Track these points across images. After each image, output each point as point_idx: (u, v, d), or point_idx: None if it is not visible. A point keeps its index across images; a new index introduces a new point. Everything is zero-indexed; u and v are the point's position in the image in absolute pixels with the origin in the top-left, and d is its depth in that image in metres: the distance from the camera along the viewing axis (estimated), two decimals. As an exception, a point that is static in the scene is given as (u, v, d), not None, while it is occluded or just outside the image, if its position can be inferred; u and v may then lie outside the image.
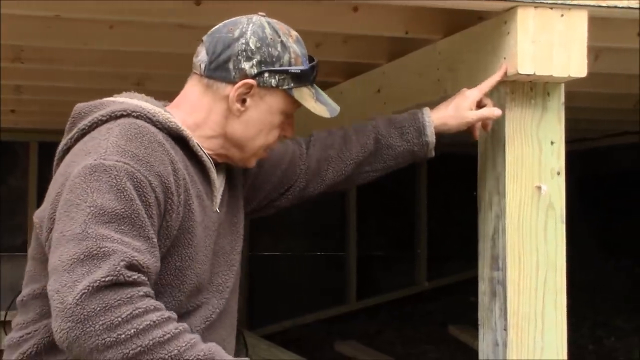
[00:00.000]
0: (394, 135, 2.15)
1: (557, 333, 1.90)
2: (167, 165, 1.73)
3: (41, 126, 5.28)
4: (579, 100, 3.68)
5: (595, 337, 5.07)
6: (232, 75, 1.84)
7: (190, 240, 1.78)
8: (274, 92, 1.87)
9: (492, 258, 1.93)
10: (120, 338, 1.54)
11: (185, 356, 1.57)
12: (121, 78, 3.41)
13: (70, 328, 1.54)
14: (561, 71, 1.87)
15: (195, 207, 1.81)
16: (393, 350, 5.18)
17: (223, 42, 1.86)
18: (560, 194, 1.92)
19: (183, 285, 1.78)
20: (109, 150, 1.69)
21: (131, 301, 1.57)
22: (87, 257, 1.57)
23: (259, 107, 1.87)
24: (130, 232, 1.63)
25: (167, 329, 1.58)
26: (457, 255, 6.52)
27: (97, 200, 1.63)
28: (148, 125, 1.77)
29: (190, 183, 1.81)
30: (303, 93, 1.89)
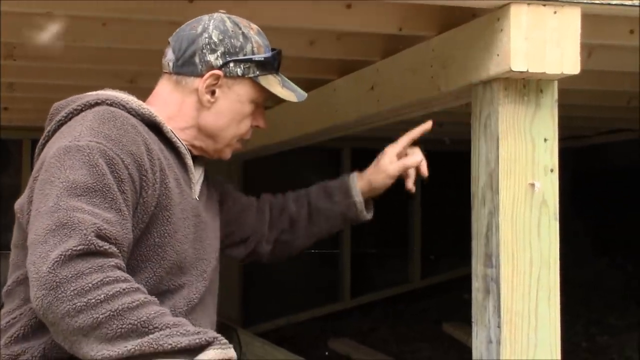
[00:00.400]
0: (323, 200, 2.30)
1: (551, 330, 1.90)
2: (139, 146, 1.81)
3: (34, 124, 5.27)
4: (572, 98, 3.68)
5: (589, 334, 5.08)
6: (199, 69, 1.93)
7: (169, 218, 1.85)
8: (241, 81, 1.95)
9: (485, 255, 1.93)
10: (90, 303, 1.59)
11: (155, 323, 1.62)
12: (114, 75, 3.41)
13: (44, 295, 1.59)
14: (554, 68, 1.87)
15: (173, 187, 1.88)
16: (387, 347, 5.18)
17: (187, 39, 1.97)
18: (553, 191, 1.92)
19: (163, 261, 1.85)
20: (83, 133, 1.78)
21: (102, 270, 1.62)
22: (59, 227, 1.63)
23: (228, 97, 1.96)
24: (102, 205, 1.69)
25: (136, 297, 1.64)
26: (450, 252, 6.53)
27: (70, 176, 1.70)
28: (121, 111, 1.85)
29: (167, 166, 1.88)
30: (269, 80, 1.98)
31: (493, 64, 1.90)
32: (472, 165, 2.02)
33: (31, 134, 5.71)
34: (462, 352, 4.75)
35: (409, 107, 2.53)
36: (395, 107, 2.57)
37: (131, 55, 3.04)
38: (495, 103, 1.92)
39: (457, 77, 2.09)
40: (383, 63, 2.66)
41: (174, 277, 1.89)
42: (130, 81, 3.42)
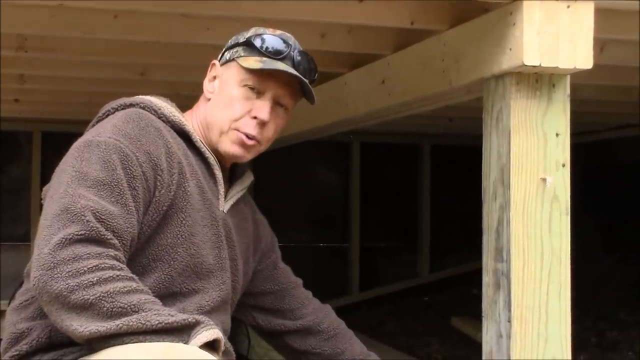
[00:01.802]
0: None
1: (561, 325, 1.90)
2: (159, 147, 1.86)
3: (45, 116, 5.28)
4: (584, 93, 3.67)
5: (598, 329, 5.07)
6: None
7: (183, 220, 1.88)
8: (230, 65, 1.99)
9: (496, 250, 1.92)
10: (82, 284, 1.63)
11: (145, 308, 1.66)
12: (125, 68, 3.41)
13: (41, 275, 1.65)
14: (567, 63, 1.87)
15: (193, 193, 1.90)
16: (395, 341, 5.18)
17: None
18: (565, 186, 1.91)
19: (174, 262, 1.88)
20: (106, 129, 1.85)
21: (100, 257, 1.67)
22: (64, 212, 1.69)
23: (221, 83, 1.99)
24: (109, 197, 1.75)
25: (129, 283, 1.68)
26: (459, 247, 6.52)
27: (84, 168, 1.77)
28: (150, 115, 1.93)
29: (190, 171, 1.91)
30: (249, 60, 1.95)
31: (505, 58, 1.90)
32: (483, 160, 2.01)
33: (42, 126, 5.72)
34: (471, 347, 4.75)
35: (420, 101, 2.52)
36: (406, 101, 2.56)
37: (142, 47, 3.04)
38: (507, 97, 1.91)
39: (469, 71, 2.09)
40: (394, 57, 2.66)
41: (187, 280, 1.91)
42: (140, 74, 3.42)
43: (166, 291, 1.87)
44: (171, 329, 1.66)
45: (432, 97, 2.42)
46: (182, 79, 3.55)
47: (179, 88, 3.69)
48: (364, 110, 2.90)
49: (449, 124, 5.22)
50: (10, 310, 1.92)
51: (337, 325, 2.28)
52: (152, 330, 1.64)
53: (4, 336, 1.89)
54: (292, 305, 2.24)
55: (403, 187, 6.69)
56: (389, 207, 6.72)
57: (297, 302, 2.25)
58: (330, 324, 2.27)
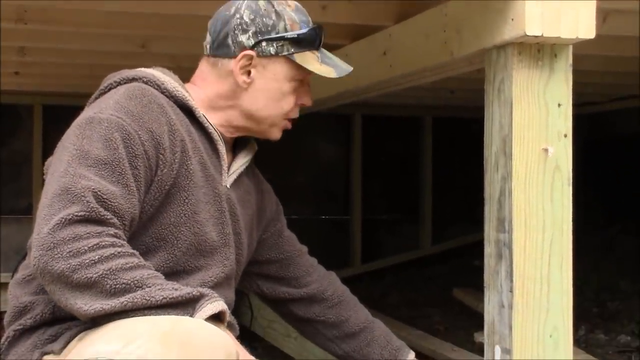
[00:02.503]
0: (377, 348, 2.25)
1: (563, 295, 1.90)
2: (162, 125, 1.84)
3: (45, 89, 5.27)
4: (585, 64, 3.66)
5: (600, 300, 5.09)
6: (232, 50, 1.98)
7: (186, 199, 1.88)
8: (275, 60, 1.96)
9: (498, 220, 1.93)
10: (84, 263, 1.64)
11: (149, 283, 1.66)
12: (126, 40, 3.40)
13: (41, 255, 1.64)
14: (569, 33, 1.86)
15: (196, 170, 1.89)
16: (397, 313, 5.20)
17: (221, 21, 1.99)
18: (567, 156, 1.91)
19: (178, 241, 1.88)
20: (108, 106, 1.84)
21: (100, 235, 1.68)
22: (64, 192, 1.68)
23: (264, 76, 1.97)
24: (109, 177, 1.74)
25: (131, 259, 1.69)
26: (461, 219, 6.53)
27: (85, 146, 1.76)
28: (152, 90, 1.91)
29: (192, 148, 1.89)
30: (306, 57, 1.97)
31: (507, 29, 1.89)
32: (485, 131, 2.01)
33: (43, 99, 5.70)
34: (472, 317, 4.77)
35: (422, 72, 2.51)
36: (408, 72, 2.55)
37: (143, 19, 3.03)
38: (509, 68, 1.90)
39: (471, 42, 2.08)
40: (396, 28, 2.65)
41: (191, 259, 1.92)
42: (141, 46, 3.41)
43: (170, 270, 1.87)
44: (176, 303, 1.67)
45: (433, 68, 2.41)
46: (184, 51, 3.54)
47: (180, 60, 3.68)
48: (365, 82, 2.90)
49: (451, 96, 5.21)
50: (14, 283, 1.92)
51: (341, 293, 2.30)
52: (157, 305, 1.65)
53: (8, 309, 1.91)
54: (297, 273, 2.26)
55: (405, 159, 6.69)
56: (390, 179, 6.72)
57: (301, 270, 2.26)
58: (335, 291, 2.29)
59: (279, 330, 4.43)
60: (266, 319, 4.66)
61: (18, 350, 1.84)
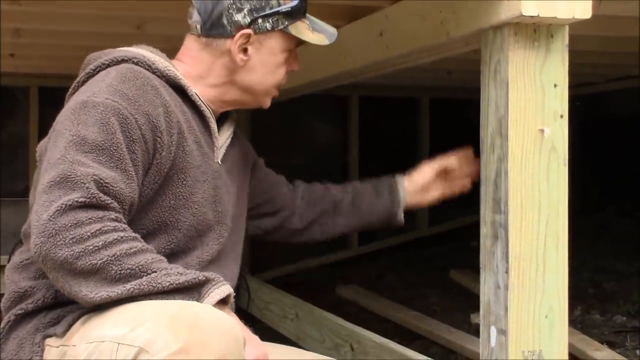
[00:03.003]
0: (369, 192, 2.40)
1: (559, 276, 1.90)
2: (157, 107, 1.82)
3: (41, 71, 5.25)
4: (582, 44, 3.65)
5: (595, 281, 5.10)
6: (228, 30, 1.97)
7: (184, 180, 1.88)
8: (271, 35, 1.98)
9: (494, 201, 1.93)
10: (88, 249, 1.63)
11: (153, 267, 1.66)
12: (122, 22, 3.39)
13: (43, 242, 1.63)
14: (565, 13, 1.85)
15: (192, 150, 1.89)
16: (394, 294, 5.21)
17: (212, 0, 1.95)
18: (563, 137, 1.91)
19: (177, 223, 1.88)
20: (102, 89, 1.81)
21: (101, 220, 1.67)
22: (63, 180, 1.67)
23: (260, 52, 1.97)
24: (107, 163, 1.73)
25: (134, 244, 1.68)
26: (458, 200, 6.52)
27: (81, 131, 1.74)
28: (145, 71, 1.89)
29: (187, 128, 1.89)
30: (299, 27, 2.00)
31: (503, 9, 1.88)
32: (481, 112, 2.00)
33: (39, 81, 5.68)
34: (469, 299, 4.78)
35: (418, 53, 2.51)
36: (404, 53, 2.55)
37: (138, 1, 3.02)
38: (505, 48, 1.90)
39: (467, 22, 2.07)
40: (392, 9, 2.64)
41: (189, 240, 1.92)
42: (137, 27, 3.40)
43: (170, 251, 1.87)
44: (182, 288, 1.66)
45: (430, 48, 2.41)
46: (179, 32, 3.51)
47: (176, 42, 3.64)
48: (362, 63, 2.89)
49: (448, 77, 5.20)
50: (11, 268, 1.91)
51: (322, 188, 2.42)
52: (164, 291, 1.65)
53: (6, 294, 1.90)
54: (286, 200, 2.35)
55: (402, 141, 6.69)
56: (387, 161, 6.71)
57: (288, 197, 2.36)
58: (317, 190, 2.40)
59: (275, 312, 4.44)
60: (263, 301, 4.67)
61: (19, 334, 1.83)
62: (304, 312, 3.98)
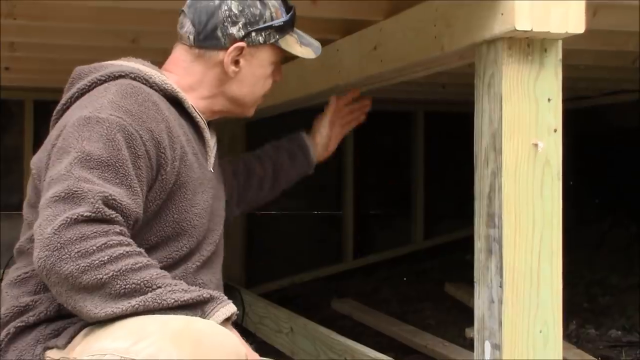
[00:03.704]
0: (287, 162, 2.59)
1: (553, 290, 1.90)
2: (159, 123, 1.82)
3: (36, 84, 5.25)
4: (576, 58, 3.66)
5: (591, 294, 5.10)
6: (222, 42, 1.99)
7: (186, 194, 1.89)
8: (263, 48, 2.03)
9: (488, 215, 1.93)
10: (94, 264, 1.62)
11: (158, 283, 1.65)
12: (116, 35, 3.39)
13: (47, 256, 1.62)
14: (559, 27, 1.86)
15: (192, 163, 1.91)
16: (389, 307, 5.20)
17: (206, 12, 1.98)
18: (557, 151, 1.91)
19: (180, 235, 1.89)
20: (104, 105, 1.80)
21: (107, 234, 1.66)
22: (68, 195, 1.66)
23: (251, 64, 2.01)
24: (113, 180, 1.72)
25: (139, 259, 1.68)
26: (454, 214, 6.53)
27: (86, 147, 1.73)
28: (144, 86, 1.89)
29: (186, 142, 1.91)
30: (289, 41, 2.05)
31: (497, 23, 1.89)
32: (475, 126, 2.01)
33: (34, 95, 5.69)
34: (464, 312, 4.78)
35: (413, 67, 2.51)
36: (399, 67, 2.55)
37: (133, 14, 3.02)
38: (499, 63, 1.90)
39: (461, 36, 2.08)
40: (386, 23, 2.64)
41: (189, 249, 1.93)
42: (132, 41, 3.40)
43: (172, 262, 1.88)
44: (186, 305, 1.67)
45: (424, 62, 2.41)
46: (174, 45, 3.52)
47: (171, 55, 3.67)
48: (356, 77, 2.90)
49: (442, 90, 5.21)
50: (8, 284, 1.90)
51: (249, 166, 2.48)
52: (168, 307, 1.65)
53: (4, 308, 1.88)
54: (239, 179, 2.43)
55: (397, 154, 6.69)
56: (383, 174, 6.72)
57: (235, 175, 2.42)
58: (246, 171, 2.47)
59: (270, 326, 4.42)
60: (257, 315, 4.66)
61: (18, 346, 1.82)
62: (298, 327, 3.98)
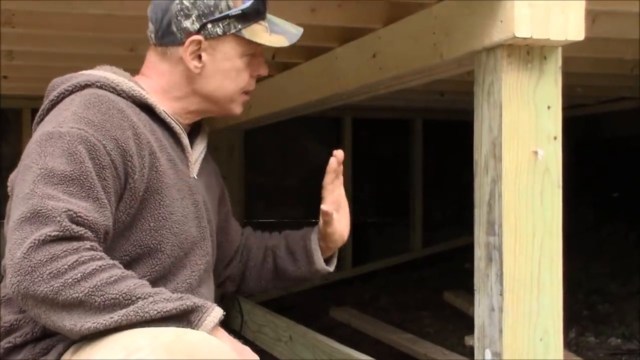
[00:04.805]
0: (289, 263, 2.22)
1: (553, 298, 1.90)
2: (125, 130, 1.78)
3: (34, 92, 5.23)
4: (576, 66, 3.66)
5: (590, 302, 5.09)
6: (179, 37, 1.93)
7: (161, 201, 1.84)
8: (224, 40, 1.92)
9: (488, 223, 1.92)
10: (67, 283, 1.59)
11: (137, 294, 1.62)
12: (114, 43, 3.38)
13: (20, 281, 1.59)
14: (558, 35, 1.85)
15: (165, 169, 1.86)
16: (388, 316, 5.19)
17: (161, 8, 1.94)
18: (556, 158, 1.91)
19: (161, 244, 1.85)
20: (67, 118, 1.76)
21: (77, 252, 1.62)
22: (34, 215, 1.62)
23: (215, 58, 1.94)
24: (79, 194, 1.68)
25: (114, 272, 1.64)
26: (452, 222, 6.53)
27: (48, 163, 1.69)
28: (109, 94, 1.84)
29: (159, 148, 1.86)
30: (255, 30, 1.95)
31: (496, 31, 1.88)
32: (475, 133, 2.00)
33: (31, 103, 5.67)
34: (463, 320, 4.77)
35: (412, 74, 2.51)
36: (398, 74, 2.55)
37: (131, 22, 3.01)
38: (498, 70, 1.90)
39: (460, 44, 2.07)
40: (385, 30, 2.64)
41: (176, 260, 1.89)
42: (130, 49, 3.40)
43: (157, 275, 1.85)
44: (169, 316, 1.63)
45: (423, 70, 2.41)
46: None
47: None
48: (355, 85, 2.89)
49: (441, 98, 5.21)
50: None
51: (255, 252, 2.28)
52: (152, 319, 1.62)
53: None
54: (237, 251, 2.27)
55: (395, 162, 6.69)
56: (381, 183, 6.72)
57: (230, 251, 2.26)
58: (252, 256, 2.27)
59: (269, 335, 4.41)
60: (256, 323, 4.65)
61: None
62: (297, 335, 3.96)
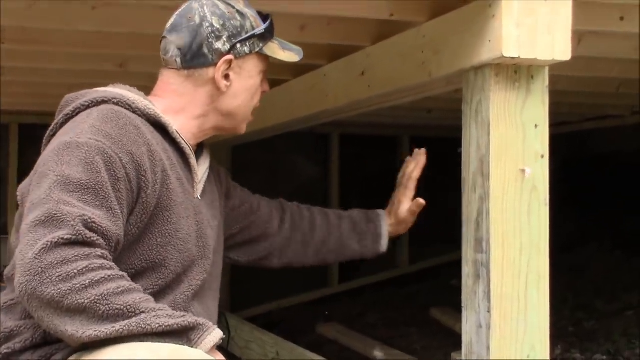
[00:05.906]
0: (354, 241, 2.52)
1: (540, 315, 1.91)
2: (140, 146, 1.83)
3: (23, 108, 5.24)
4: (562, 84, 3.69)
5: (576, 319, 5.11)
6: (210, 59, 1.99)
7: (169, 218, 1.88)
8: (249, 58, 2.03)
9: (475, 241, 1.93)
10: (75, 287, 1.60)
11: (141, 307, 1.64)
12: (104, 60, 3.39)
13: (28, 281, 1.60)
14: (545, 54, 1.88)
15: (175, 188, 1.90)
16: (375, 332, 5.19)
17: (189, 32, 2.01)
18: (544, 177, 1.93)
19: (165, 260, 1.88)
20: (84, 130, 1.81)
21: (88, 258, 1.64)
22: (48, 219, 1.65)
23: (241, 76, 2.03)
24: (93, 202, 1.71)
25: (121, 283, 1.66)
26: (439, 238, 6.54)
27: (65, 171, 1.72)
28: (126, 111, 1.90)
29: (170, 166, 1.90)
30: (272, 48, 2.09)
31: (485, 50, 1.91)
32: (463, 151, 2.02)
33: (20, 119, 5.66)
34: (450, 337, 4.77)
35: (400, 92, 2.53)
36: (386, 92, 2.57)
37: (121, 39, 3.03)
38: (486, 89, 1.92)
39: (449, 63, 2.09)
40: (374, 48, 2.66)
41: (177, 276, 1.92)
42: (120, 65, 3.41)
43: (159, 289, 1.87)
44: (171, 332, 1.65)
45: (411, 88, 2.43)
46: (161, 70, 3.53)
47: (158, 80, 3.67)
48: (343, 102, 2.91)
49: (428, 115, 5.23)
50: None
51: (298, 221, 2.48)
52: (153, 333, 1.63)
53: None
54: (261, 228, 2.37)
55: (382, 179, 6.69)
56: (368, 199, 6.72)
57: (264, 223, 2.38)
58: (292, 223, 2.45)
59: (256, 351, 4.41)
60: (244, 339, 4.64)
61: None
62: (285, 351, 3.96)
